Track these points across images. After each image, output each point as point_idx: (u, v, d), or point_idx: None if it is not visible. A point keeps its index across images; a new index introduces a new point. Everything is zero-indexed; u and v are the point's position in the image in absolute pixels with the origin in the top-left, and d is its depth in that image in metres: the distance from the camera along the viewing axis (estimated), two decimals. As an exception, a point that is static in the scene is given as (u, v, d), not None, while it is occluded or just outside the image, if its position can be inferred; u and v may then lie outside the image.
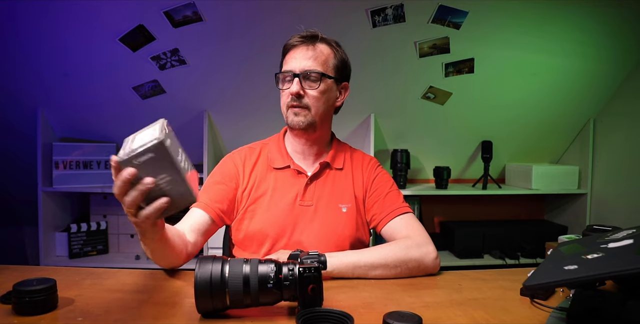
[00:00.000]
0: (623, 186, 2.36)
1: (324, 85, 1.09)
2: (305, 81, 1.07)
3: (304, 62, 1.07)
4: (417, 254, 1.00)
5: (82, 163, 2.41)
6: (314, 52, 1.08)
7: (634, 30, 2.13)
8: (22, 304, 0.72)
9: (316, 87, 1.08)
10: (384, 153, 2.61)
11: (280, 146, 1.19)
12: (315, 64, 1.08)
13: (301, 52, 1.08)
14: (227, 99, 2.33)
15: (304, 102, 1.08)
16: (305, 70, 1.07)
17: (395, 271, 0.98)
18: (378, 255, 0.98)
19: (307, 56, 1.08)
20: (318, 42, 1.10)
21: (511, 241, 2.56)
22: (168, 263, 0.96)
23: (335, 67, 1.12)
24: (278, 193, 1.12)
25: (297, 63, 1.08)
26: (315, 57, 1.08)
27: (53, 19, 1.90)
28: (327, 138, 1.21)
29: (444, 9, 1.99)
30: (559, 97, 2.44)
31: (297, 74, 1.07)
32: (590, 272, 0.62)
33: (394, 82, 2.30)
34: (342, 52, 1.15)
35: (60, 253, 2.45)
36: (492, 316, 0.76)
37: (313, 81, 1.08)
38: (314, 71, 1.07)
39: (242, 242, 1.13)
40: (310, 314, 0.68)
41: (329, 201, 1.12)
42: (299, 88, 1.06)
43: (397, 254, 0.98)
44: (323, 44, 1.11)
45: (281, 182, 1.13)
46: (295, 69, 1.08)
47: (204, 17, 1.94)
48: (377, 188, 1.17)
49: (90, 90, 2.21)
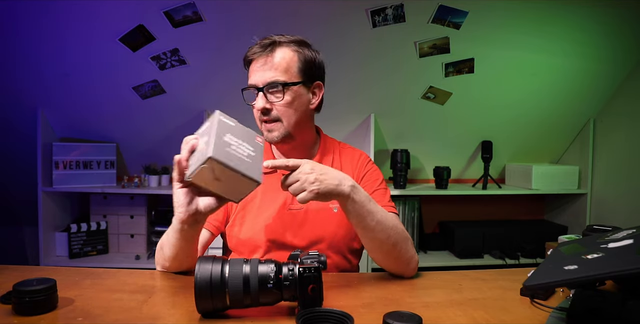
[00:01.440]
0: (623, 186, 2.36)
1: (290, 94, 1.04)
2: (269, 93, 1.03)
3: (264, 74, 1.02)
4: (411, 247, 0.99)
5: (82, 163, 2.40)
6: (272, 61, 1.03)
7: (634, 30, 2.13)
8: (22, 304, 0.72)
9: (281, 98, 1.03)
10: (384, 153, 2.61)
11: (268, 150, 1.17)
12: (277, 74, 1.02)
13: (260, 63, 1.04)
14: (227, 99, 2.33)
15: (273, 115, 1.04)
16: (267, 82, 1.02)
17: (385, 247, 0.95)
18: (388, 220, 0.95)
19: (266, 67, 1.03)
20: (277, 49, 1.04)
21: (511, 241, 2.56)
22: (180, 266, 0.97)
23: (301, 71, 1.05)
24: (267, 198, 1.10)
25: (258, 76, 1.03)
26: (275, 66, 1.02)
27: (53, 19, 1.91)
28: (312, 140, 1.17)
29: (444, 9, 1.99)
30: (559, 97, 2.44)
31: (260, 88, 1.03)
32: (590, 272, 0.62)
33: (394, 82, 2.30)
34: (308, 51, 1.08)
35: (60, 253, 2.45)
36: (492, 316, 0.76)
37: (277, 93, 1.03)
38: (276, 82, 1.02)
39: (235, 248, 1.12)
40: (310, 314, 0.68)
41: (319, 202, 1.09)
42: (264, 102, 1.02)
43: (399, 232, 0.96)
44: (282, 49, 1.04)
45: (269, 187, 1.09)
46: (257, 82, 1.03)
47: (204, 17, 1.94)
48: (365, 184, 1.14)
49: (90, 90, 2.22)
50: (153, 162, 2.59)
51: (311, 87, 1.09)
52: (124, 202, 2.53)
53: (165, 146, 2.54)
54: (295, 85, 1.04)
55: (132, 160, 2.61)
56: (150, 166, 2.56)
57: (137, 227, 2.55)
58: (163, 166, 2.62)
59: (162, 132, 2.47)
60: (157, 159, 2.60)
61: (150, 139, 2.50)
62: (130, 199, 2.53)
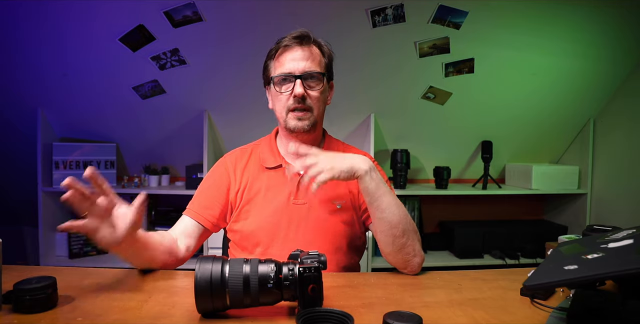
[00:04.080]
0: (623, 186, 2.36)
1: (323, 85, 1.09)
2: (306, 82, 1.06)
3: (302, 63, 1.06)
4: (413, 244, 1.00)
5: (82, 163, 2.41)
6: (310, 53, 1.07)
7: (633, 30, 2.13)
8: (22, 303, 0.72)
9: (318, 88, 1.07)
10: (384, 153, 2.61)
11: (272, 146, 1.18)
12: (314, 65, 1.07)
13: (297, 53, 1.07)
14: (227, 99, 2.33)
15: (307, 103, 1.07)
16: (306, 71, 1.06)
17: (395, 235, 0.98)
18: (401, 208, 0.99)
19: (304, 57, 1.06)
20: (311, 43, 1.09)
21: (511, 241, 2.56)
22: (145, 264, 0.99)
23: (326, 66, 1.11)
24: (271, 192, 1.12)
25: (296, 64, 1.06)
26: (312, 58, 1.07)
27: (53, 19, 1.91)
28: (320, 138, 1.20)
29: (444, 9, 1.99)
30: (559, 97, 2.44)
31: (298, 75, 1.05)
32: (590, 272, 0.62)
33: (394, 82, 2.30)
34: (329, 50, 1.14)
35: (60, 253, 2.45)
36: (492, 316, 0.76)
37: (315, 82, 1.07)
38: (315, 72, 1.07)
39: (238, 242, 1.13)
40: (310, 314, 0.68)
41: (322, 198, 1.11)
42: (303, 89, 1.05)
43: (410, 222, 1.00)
44: (314, 44, 1.10)
45: (274, 181, 1.12)
46: (294, 70, 1.06)
47: (204, 17, 1.94)
48: None
49: (90, 90, 2.22)
50: (153, 162, 2.60)
51: (329, 84, 1.15)
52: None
53: (165, 146, 2.54)
54: (326, 78, 1.10)
55: (132, 160, 2.61)
56: (150, 166, 2.56)
57: (137, 227, 2.54)
58: (163, 166, 2.62)
59: (162, 132, 2.47)
60: (157, 159, 2.60)
61: (150, 139, 2.50)
62: (130, 199, 2.51)
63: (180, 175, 2.66)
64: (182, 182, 2.61)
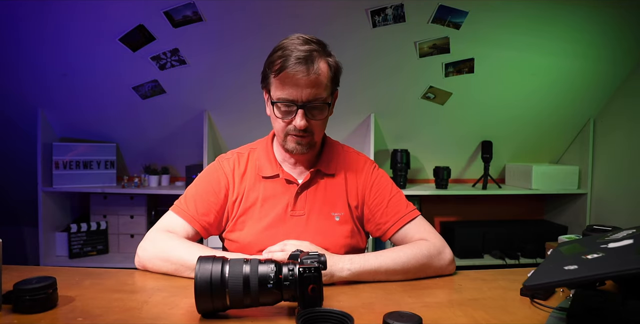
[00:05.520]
0: (623, 186, 2.36)
1: (327, 111, 1.02)
2: (309, 111, 0.98)
3: (307, 90, 0.95)
4: (438, 263, 0.99)
5: (82, 163, 2.41)
6: (315, 75, 0.95)
7: (633, 31, 2.13)
8: (22, 303, 0.72)
9: (322, 117, 1.01)
10: (384, 153, 2.61)
11: (269, 153, 1.12)
12: (320, 91, 0.97)
13: (301, 76, 0.94)
14: (227, 99, 2.33)
15: (309, 130, 1.01)
16: (309, 100, 0.96)
17: (414, 276, 0.97)
18: (400, 261, 0.95)
19: (309, 83, 0.94)
20: (315, 62, 0.95)
21: (511, 241, 2.56)
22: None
23: (331, 80, 1.00)
24: (268, 203, 1.07)
25: (300, 92, 0.95)
26: (318, 82, 0.95)
27: (53, 19, 1.91)
28: (319, 144, 1.13)
29: (444, 9, 1.99)
30: (558, 97, 2.44)
31: (301, 105, 0.96)
32: (590, 272, 0.62)
33: (394, 82, 2.30)
34: (332, 58, 1.02)
35: (60, 253, 2.45)
36: (492, 316, 0.76)
37: (319, 111, 0.99)
38: (320, 99, 0.97)
39: (235, 251, 1.09)
40: (311, 315, 0.68)
41: (321, 209, 1.08)
42: (305, 122, 0.97)
43: (419, 260, 0.97)
44: (319, 62, 0.96)
45: (271, 191, 1.08)
46: (297, 99, 0.96)
47: (204, 17, 1.94)
48: (377, 195, 1.11)
49: (90, 90, 2.22)
50: (153, 162, 2.60)
51: (334, 96, 1.06)
52: (124, 203, 2.53)
53: (165, 146, 2.54)
54: (331, 101, 1.02)
55: (132, 160, 2.61)
56: (150, 166, 2.56)
57: (137, 228, 2.55)
58: (163, 166, 2.62)
59: (162, 132, 2.47)
60: (157, 159, 2.60)
61: (150, 139, 2.50)
62: (130, 199, 2.53)
63: (180, 175, 2.66)
64: (182, 182, 2.61)
